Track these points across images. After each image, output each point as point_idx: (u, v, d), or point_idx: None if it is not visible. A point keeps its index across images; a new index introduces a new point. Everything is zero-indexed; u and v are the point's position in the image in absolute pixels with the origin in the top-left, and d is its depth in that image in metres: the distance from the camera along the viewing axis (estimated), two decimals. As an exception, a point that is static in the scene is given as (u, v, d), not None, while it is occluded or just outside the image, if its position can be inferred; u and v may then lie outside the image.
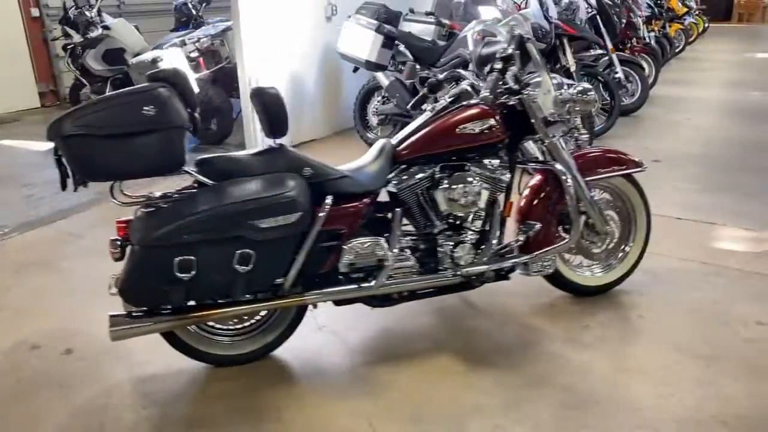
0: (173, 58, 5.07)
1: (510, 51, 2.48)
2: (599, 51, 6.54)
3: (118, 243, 2.05)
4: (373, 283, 2.32)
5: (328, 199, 2.21)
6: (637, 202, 2.82)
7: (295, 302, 2.28)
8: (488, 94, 2.36)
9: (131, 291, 2.02)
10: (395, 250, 2.35)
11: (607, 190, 2.83)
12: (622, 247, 2.86)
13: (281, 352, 2.48)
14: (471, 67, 4.68)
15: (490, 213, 2.56)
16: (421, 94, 2.77)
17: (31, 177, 5.01)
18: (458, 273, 2.43)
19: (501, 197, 2.57)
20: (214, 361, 2.40)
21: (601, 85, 5.93)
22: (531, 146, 2.75)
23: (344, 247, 2.27)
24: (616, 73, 6.35)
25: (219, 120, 5.69)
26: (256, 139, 5.50)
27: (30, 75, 8.03)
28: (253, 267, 2.06)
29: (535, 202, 2.65)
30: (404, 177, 2.43)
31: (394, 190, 2.44)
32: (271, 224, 2.05)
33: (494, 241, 2.51)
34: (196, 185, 2.18)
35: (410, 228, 2.55)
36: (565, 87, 2.52)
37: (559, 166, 2.53)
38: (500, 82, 2.46)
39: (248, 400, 2.23)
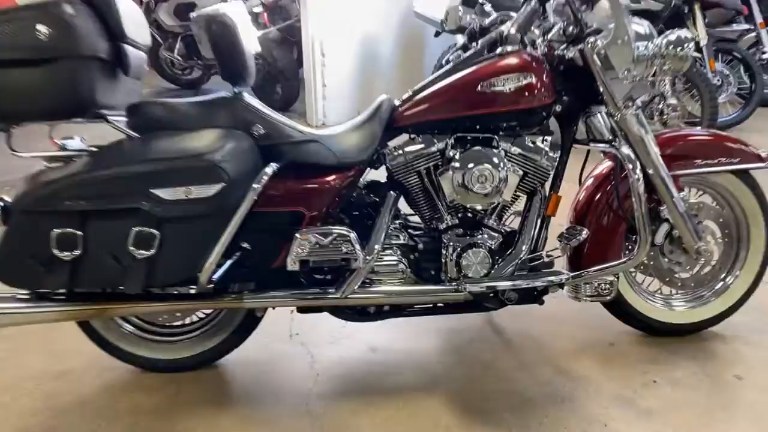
0: (233, 11, 4.63)
1: None
2: (745, 25, 5.31)
3: (1, 205, 1.58)
4: (336, 290, 1.69)
5: (269, 168, 1.60)
6: (752, 211, 1.94)
7: (225, 304, 1.71)
8: (514, 31, 1.61)
9: (2, 267, 1.54)
10: (377, 248, 1.70)
11: (708, 191, 1.98)
12: (724, 274, 2.01)
13: (230, 360, 1.93)
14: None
15: (526, 209, 1.83)
16: (460, 44, 2.07)
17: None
18: (463, 288, 1.73)
19: (545, 188, 1.84)
20: (139, 365, 1.89)
21: (741, 65, 4.81)
22: (601, 120, 1.94)
23: (296, 236, 1.66)
24: (764, 53, 5.12)
25: (284, 84, 5.25)
26: (316, 108, 4.99)
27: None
28: (156, 253, 1.51)
29: (596, 199, 1.88)
30: (402, 149, 1.76)
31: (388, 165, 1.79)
32: (179, 196, 1.48)
33: (524, 248, 1.78)
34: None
35: (416, 220, 1.89)
36: (654, 38, 1.73)
37: (626, 150, 1.73)
38: (540, 19, 1.70)
39: (159, 422, 1.70)
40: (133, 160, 1.52)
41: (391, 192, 1.78)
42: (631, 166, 1.71)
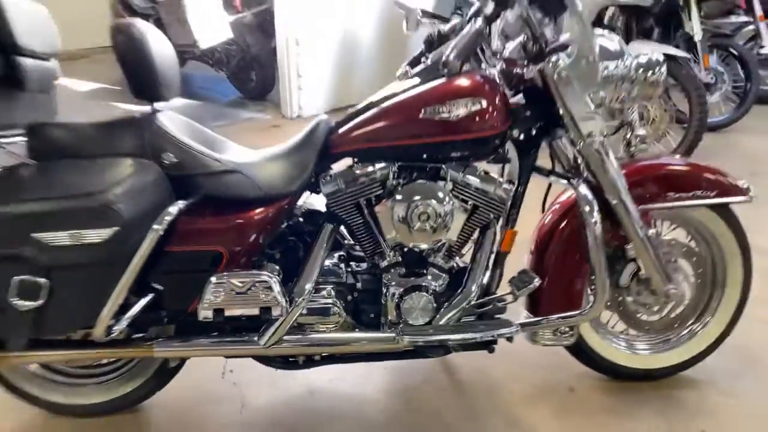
0: (202, -3, 4.40)
1: None
2: (744, 18, 5.05)
3: None
4: (258, 338, 1.51)
5: (173, 208, 1.40)
6: (729, 249, 1.76)
7: (131, 353, 1.54)
8: (452, 58, 1.40)
9: None
10: (307, 288, 1.51)
11: (682, 226, 1.80)
12: (696, 316, 1.83)
13: (154, 400, 1.76)
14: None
15: (477, 245, 1.64)
16: (417, 53, 1.86)
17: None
18: (400, 338, 1.55)
19: (500, 222, 1.65)
20: (50, 409, 1.72)
21: (737, 60, 4.57)
22: (566, 144, 1.74)
23: (211, 281, 1.47)
24: (762, 47, 4.87)
25: (258, 71, 5.01)
26: (290, 99, 4.76)
27: (105, 11, 7.78)
28: (44, 303, 1.32)
29: (556, 237, 1.69)
30: (338, 176, 1.57)
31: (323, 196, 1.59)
32: (67, 242, 1.29)
33: (473, 290, 1.59)
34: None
35: (357, 253, 1.70)
36: (626, 57, 1.53)
37: (583, 190, 1.54)
38: (481, 39, 1.49)
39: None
40: (16, 198, 1.32)
41: (327, 224, 1.59)
42: (587, 208, 1.52)
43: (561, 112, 1.53)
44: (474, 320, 1.61)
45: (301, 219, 1.66)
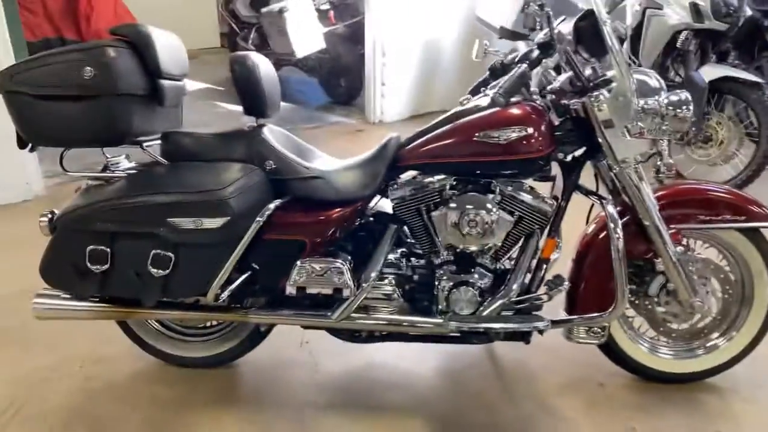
0: (300, 8, 4.83)
1: (542, 38, 1.77)
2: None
3: (49, 216, 1.83)
4: (331, 313, 1.85)
5: (272, 204, 1.76)
6: (758, 271, 1.93)
7: (231, 317, 1.92)
8: (499, 96, 1.67)
9: (46, 271, 1.80)
10: (372, 277, 1.83)
11: (714, 245, 1.98)
12: (723, 330, 2.00)
13: (243, 362, 2.15)
14: (625, 46, 3.81)
15: (521, 251, 1.90)
16: (481, 79, 2.14)
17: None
18: (446, 324, 1.84)
19: (543, 232, 1.90)
20: (163, 358, 2.14)
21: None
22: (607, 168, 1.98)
23: (297, 264, 1.82)
24: None
25: (347, 78, 5.42)
26: (374, 106, 5.13)
27: (214, 15, 8.49)
28: (170, 272, 1.72)
29: (592, 245, 1.92)
30: (404, 185, 1.88)
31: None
32: (191, 226, 1.68)
33: (513, 289, 1.86)
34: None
35: (416, 251, 2.00)
36: (662, 92, 1.75)
37: (611, 209, 1.77)
38: (525, 80, 1.75)
39: (171, 414, 1.94)
40: (155, 190, 1.72)
41: (392, 224, 1.90)
42: (612, 225, 1.75)
43: (600, 140, 1.76)
44: (512, 314, 1.88)
45: (371, 219, 1.98)
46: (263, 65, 1.91)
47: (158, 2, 7.61)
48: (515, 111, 1.77)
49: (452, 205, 1.81)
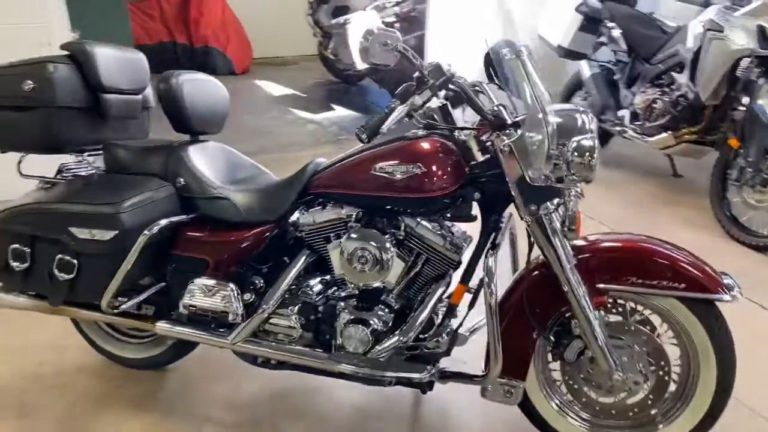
0: (364, 21, 4.87)
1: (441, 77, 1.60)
2: None
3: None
4: (226, 335, 1.85)
5: (164, 220, 1.79)
6: (702, 347, 1.64)
7: (141, 325, 1.98)
8: (361, 131, 1.54)
9: None
10: (271, 302, 1.80)
11: (652, 310, 1.72)
12: (661, 411, 1.73)
13: (177, 367, 2.22)
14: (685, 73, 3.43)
15: (427, 293, 1.77)
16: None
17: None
18: (334, 359, 1.77)
19: (452, 275, 1.77)
20: (106, 356, 2.25)
21: None
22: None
23: (192, 282, 1.84)
24: None
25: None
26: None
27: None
28: (75, 277, 1.82)
29: (505, 300, 1.74)
30: (311, 214, 1.83)
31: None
32: (86, 236, 1.76)
33: (409, 335, 1.73)
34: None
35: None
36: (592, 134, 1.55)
37: (490, 260, 1.61)
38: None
39: (88, 405, 2.05)
40: (67, 199, 1.83)
41: (305, 250, 1.85)
42: (486, 279, 1.58)
43: (510, 186, 1.60)
44: (403, 359, 1.76)
45: (292, 242, 1.95)
46: (193, 84, 1.95)
47: (263, 10, 8.04)
48: (414, 146, 1.67)
49: (350, 237, 1.73)
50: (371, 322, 1.76)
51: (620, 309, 1.73)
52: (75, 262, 1.81)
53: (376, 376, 1.72)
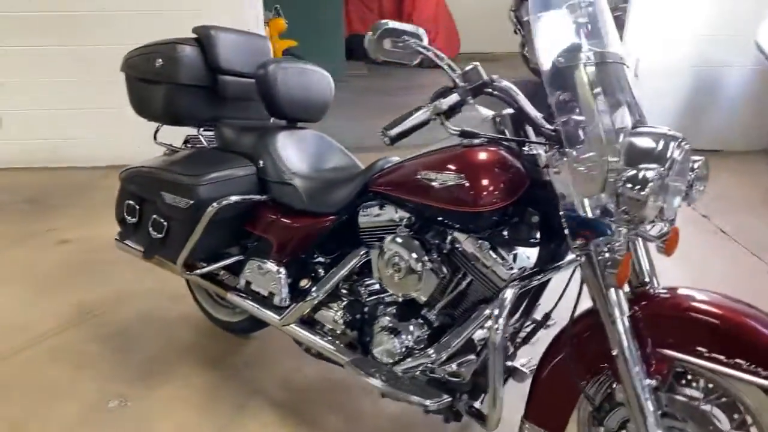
0: (555, 19, 4.56)
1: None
2: None
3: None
4: (279, 314, 1.90)
5: (233, 198, 1.89)
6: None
7: (215, 290, 2.13)
8: (389, 132, 1.39)
9: (115, 213, 2.28)
10: (320, 293, 1.81)
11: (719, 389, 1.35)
12: None
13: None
14: None
15: (473, 316, 1.63)
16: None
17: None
18: (354, 364, 1.72)
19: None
20: (206, 315, 2.47)
21: None
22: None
23: (251, 259, 1.93)
24: None
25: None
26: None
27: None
28: (164, 236, 2.02)
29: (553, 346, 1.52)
30: (368, 212, 1.79)
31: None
32: (171, 202, 1.94)
33: (439, 354, 1.60)
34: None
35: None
36: (670, 163, 1.29)
37: (508, 292, 1.38)
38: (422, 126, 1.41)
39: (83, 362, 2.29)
40: (169, 168, 2.03)
41: (362, 247, 1.82)
42: (496, 312, 1.37)
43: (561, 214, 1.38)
44: (426, 381, 1.63)
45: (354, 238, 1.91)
46: (289, 72, 2.02)
47: (477, 5, 8.02)
48: (461, 155, 1.51)
49: (390, 241, 1.65)
50: (403, 333, 1.67)
51: (695, 385, 1.40)
52: (165, 223, 2.01)
53: (385, 390, 1.63)
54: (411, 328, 1.67)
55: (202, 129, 2.22)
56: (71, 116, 4.33)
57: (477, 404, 1.63)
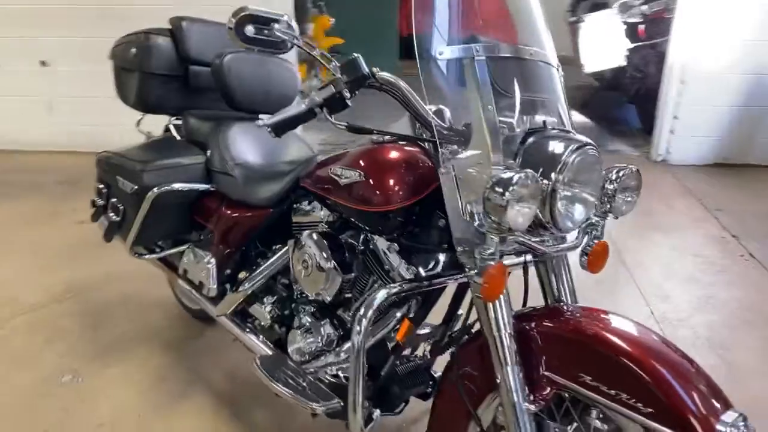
0: (600, 20, 4.34)
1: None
2: None
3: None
4: (212, 304, 1.91)
5: (175, 185, 1.92)
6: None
7: (164, 271, 2.17)
8: (268, 123, 1.33)
9: None
10: (247, 284, 1.80)
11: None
12: None
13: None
14: None
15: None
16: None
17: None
18: (260, 361, 1.69)
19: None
20: (178, 302, 2.53)
21: None
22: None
23: (188, 248, 1.95)
24: None
25: (640, 106, 4.62)
26: (659, 141, 4.25)
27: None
28: (120, 219, 2.07)
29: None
30: (299, 208, 1.75)
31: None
32: (122, 186, 1.99)
33: (340, 356, 1.56)
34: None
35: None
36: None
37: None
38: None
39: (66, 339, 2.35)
40: (128, 154, 2.07)
41: (290, 240, 1.78)
42: (362, 311, 1.29)
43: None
44: (326, 383, 1.58)
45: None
46: (245, 63, 2.01)
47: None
48: (366, 151, 1.46)
49: (302, 238, 1.61)
50: (314, 333, 1.63)
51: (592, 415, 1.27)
52: (121, 207, 2.07)
53: (278, 391, 1.58)
54: (323, 328, 1.62)
55: (173, 118, 2.26)
56: (113, 104, 4.55)
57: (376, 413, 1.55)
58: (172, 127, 2.23)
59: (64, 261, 2.97)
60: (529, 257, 1.36)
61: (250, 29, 1.25)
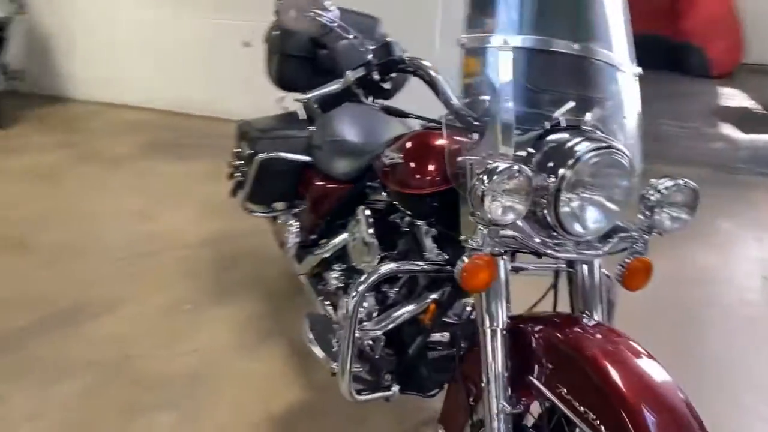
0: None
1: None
2: None
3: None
4: (297, 263, 2.12)
5: (269, 154, 2.15)
6: None
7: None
8: (312, 99, 1.41)
9: None
10: (321, 250, 1.99)
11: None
12: None
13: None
14: None
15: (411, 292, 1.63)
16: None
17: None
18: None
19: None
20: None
21: None
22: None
23: (287, 212, 2.18)
24: None
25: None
26: None
27: None
28: (243, 179, 2.37)
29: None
30: (371, 185, 1.86)
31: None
32: (244, 149, 2.29)
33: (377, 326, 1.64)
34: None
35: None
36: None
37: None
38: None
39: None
40: (256, 123, 2.36)
41: (359, 207, 1.80)
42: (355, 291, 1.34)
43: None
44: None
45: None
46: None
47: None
48: (410, 136, 1.53)
49: (360, 212, 1.72)
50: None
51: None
52: (244, 168, 2.37)
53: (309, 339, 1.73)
54: (366, 300, 1.72)
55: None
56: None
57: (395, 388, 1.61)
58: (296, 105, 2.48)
59: (222, 214, 3.44)
60: (562, 264, 1.33)
61: (293, 12, 1.40)
